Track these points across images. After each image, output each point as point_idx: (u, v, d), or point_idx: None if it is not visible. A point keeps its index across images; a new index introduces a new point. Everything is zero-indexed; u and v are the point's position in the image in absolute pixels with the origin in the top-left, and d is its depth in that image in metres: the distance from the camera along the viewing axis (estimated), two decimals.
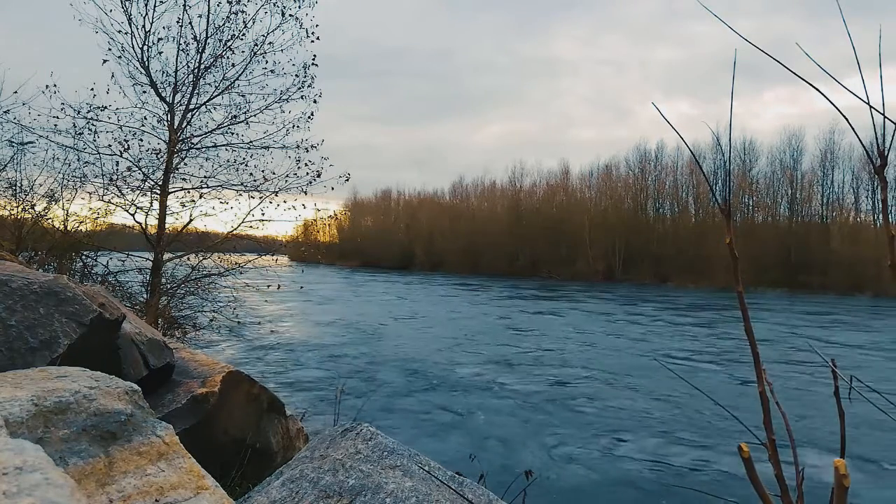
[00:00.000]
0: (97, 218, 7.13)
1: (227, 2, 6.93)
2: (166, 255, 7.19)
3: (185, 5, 6.75)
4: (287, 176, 7.37)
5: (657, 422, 6.47)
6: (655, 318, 17.97)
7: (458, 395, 7.49)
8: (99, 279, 6.93)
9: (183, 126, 7.12)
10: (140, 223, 7.04)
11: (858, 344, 13.52)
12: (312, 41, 7.26)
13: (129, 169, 6.89)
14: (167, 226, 7.12)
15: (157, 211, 7.02)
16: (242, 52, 7.17)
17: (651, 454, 5.42)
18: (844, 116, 0.74)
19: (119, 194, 6.93)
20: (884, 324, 18.69)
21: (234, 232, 7.44)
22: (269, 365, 9.04)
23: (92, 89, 6.62)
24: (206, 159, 7.36)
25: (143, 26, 6.67)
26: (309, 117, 7.41)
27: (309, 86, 7.37)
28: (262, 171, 7.38)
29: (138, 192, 7.01)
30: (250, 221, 7.43)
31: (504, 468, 4.67)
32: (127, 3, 6.55)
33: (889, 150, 0.67)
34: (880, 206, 0.71)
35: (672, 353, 11.43)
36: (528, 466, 3.32)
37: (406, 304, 20.86)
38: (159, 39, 6.81)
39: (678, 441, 5.80)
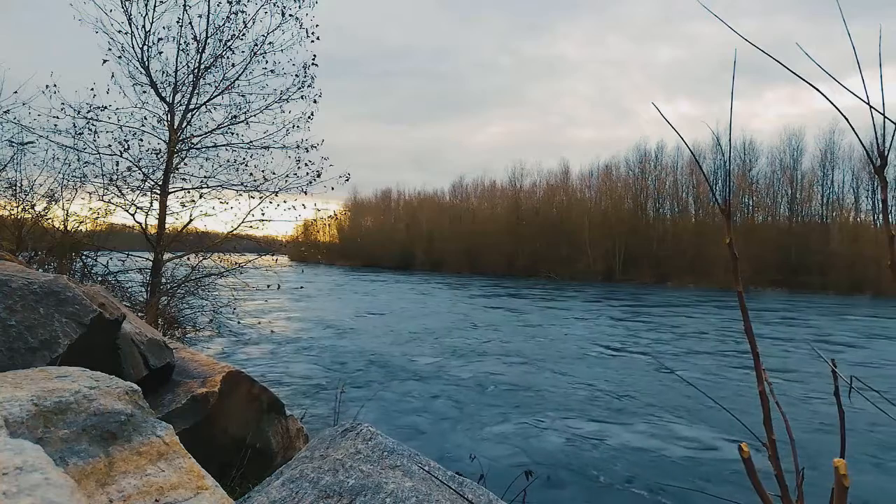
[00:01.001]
0: (97, 218, 7.13)
1: (228, 2, 6.94)
2: (166, 255, 7.19)
3: (185, 5, 6.76)
4: (287, 176, 7.38)
5: (657, 421, 6.46)
6: (655, 318, 17.98)
7: (459, 394, 7.49)
8: (99, 279, 6.93)
9: (183, 126, 7.13)
10: (140, 223, 7.05)
11: (858, 344, 13.52)
12: (312, 41, 7.27)
13: (129, 169, 6.90)
14: (167, 226, 7.13)
15: (157, 211, 7.03)
16: (242, 52, 7.18)
17: (650, 454, 5.42)
18: (844, 116, 0.74)
19: (119, 194, 6.94)
20: (884, 324, 18.69)
21: (234, 232, 7.45)
22: (269, 365, 9.04)
23: (92, 89, 6.63)
24: (206, 159, 7.38)
25: (143, 26, 6.68)
26: (309, 117, 7.42)
27: (309, 86, 7.38)
28: (262, 171, 7.40)
29: (138, 192, 7.02)
30: (250, 221, 7.44)
31: (504, 468, 4.67)
32: (127, 3, 6.56)
33: (889, 150, 0.67)
34: (880, 206, 0.71)
35: (672, 353, 11.43)
36: (529, 466, 3.32)
37: (406, 304, 20.86)
38: (159, 39, 6.82)
39: (677, 441, 5.80)
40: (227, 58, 7.14)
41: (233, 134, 7.37)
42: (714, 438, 5.88)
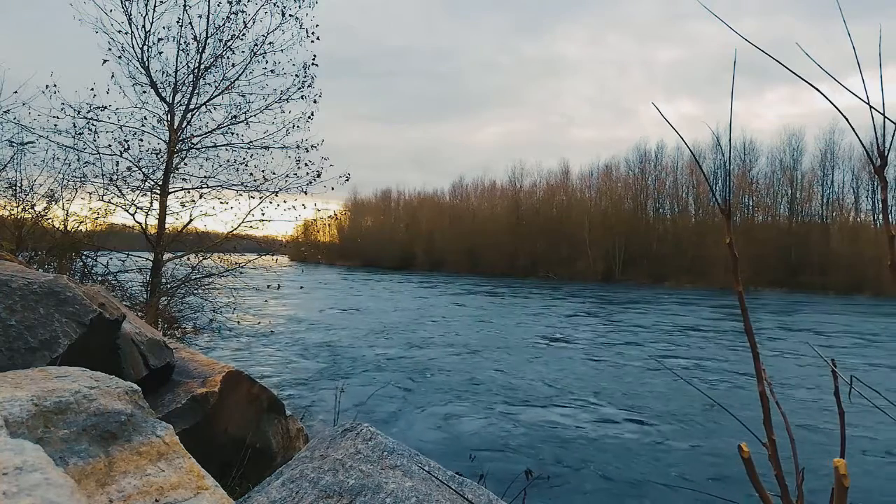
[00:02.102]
0: (97, 218, 7.13)
1: (228, 2, 6.94)
2: (166, 255, 7.19)
3: (185, 5, 6.76)
4: (287, 176, 7.38)
5: (657, 422, 6.47)
6: (655, 318, 17.98)
7: (459, 394, 7.49)
8: (99, 279, 6.93)
9: (183, 126, 7.13)
10: (140, 223, 7.05)
11: (858, 344, 13.52)
12: (312, 41, 7.27)
13: (129, 169, 6.90)
14: (167, 226, 7.13)
15: (157, 211, 7.03)
16: (242, 52, 7.18)
17: (650, 455, 5.42)
18: (844, 116, 0.74)
19: (119, 194, 6.94)
20: (884, 324, 18.69)
21: (234, 232, 7.44)
22: (269, 365, 9.04)
23: (92, 89, 6.63)
24: (206, 159, 7.38)
25: (143, 26, 6.68)
26: (309, 117, 7.42)
27: (309, 86, 7.38)
28: (262, 171, 7.39)
29: (138, 192, 7.02)
30: (250, 221, 7.44)
31: (504, 468, 4.67)
32: (127, 3, 6.56)
33: (889, 150, 0.67)
34: (880, 206, 0.71)
35: (671, 353, 11.43)
36: (529, 466, 3.32)
37: (406, 304, 20.86)
38: (159, 39, 6.82)
39: (678, 441, 5.80)
40: (227, 58, 7.15)
41: (233, 134, 7.38)
42: (714, 439, 5.88)
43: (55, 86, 6.41)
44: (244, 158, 7.40)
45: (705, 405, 7.01)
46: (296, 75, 7.30)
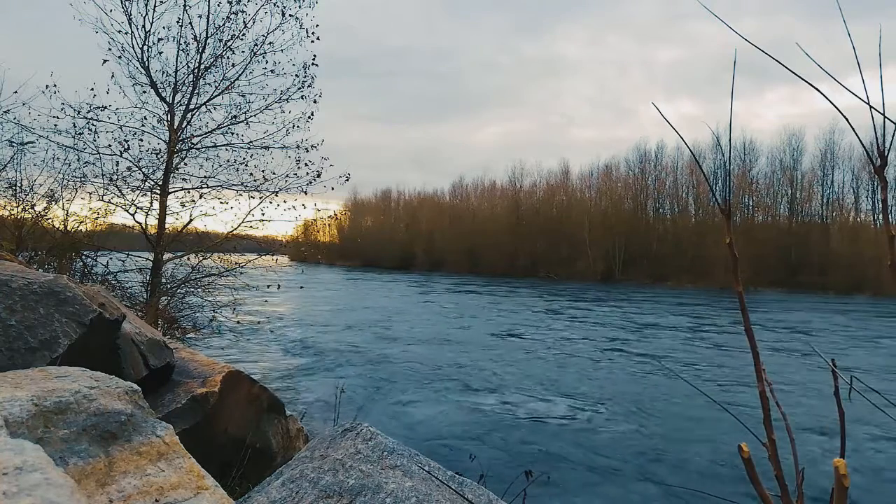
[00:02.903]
0: (97, 218, 7.12)
1: (228, 2, 6.93)
2: (166, 255, 7.19)
3: (185, 5, 6.76)
4: (287, 176, 7.38)
5: (657, 422, 6.47)
6: (654, 319, 17.98)
7: (459, 393, 7.49)
8: (99, 279, 6.93)
9: (183, 126, 7.12)
10: (140, 223, 7.05)
11: (858, 344, 13.51)
12: (312, 41, 7.27)
13: (129, 169, 6.89)
14: (167, 226, 7.12)
15: (157, 211, 7.02)
16: (242, 52, 7.18)
17: (651, 455, 5.42)
18: (844, 116, 0.74)
19: (119, 194, 6.94)
20: (884, 324, 18.69)
21: (234, 232, 7.44)
22: (269, 365, 9.04)
23: (92, 89, 6.63)
24: (206, 159, 7.37)
25: (143, 26, 6.68)
26: (309, 117, 7.41)
27: (309, 86, 7.38)
28: (262, 171, 7.39)
29: (138, 192, 7.02)
30: (250, 221, 7.44)
31: (504, 468, 4.67)
32: (127, 3, 6.56)
33: (889, 150, 0.67)
34: (880, 206, 0.71)
35: (670, 353, 11.43)
36: (530, 466, 3.32)
37: (406, 304, 20.86)
38: (159, 39, 6.81)
39: (678, 441, 5.80)
40: (227, 58, 7.14)
41: (233, 134, 7.38)
42: (715, 438, 5.88)
43: (55, 86, 6.41)
44: (244, 158, 7.41)
45: (706, 405, 7.00)
46: (296, 75, 7.30)
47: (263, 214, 7.42)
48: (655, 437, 5.90)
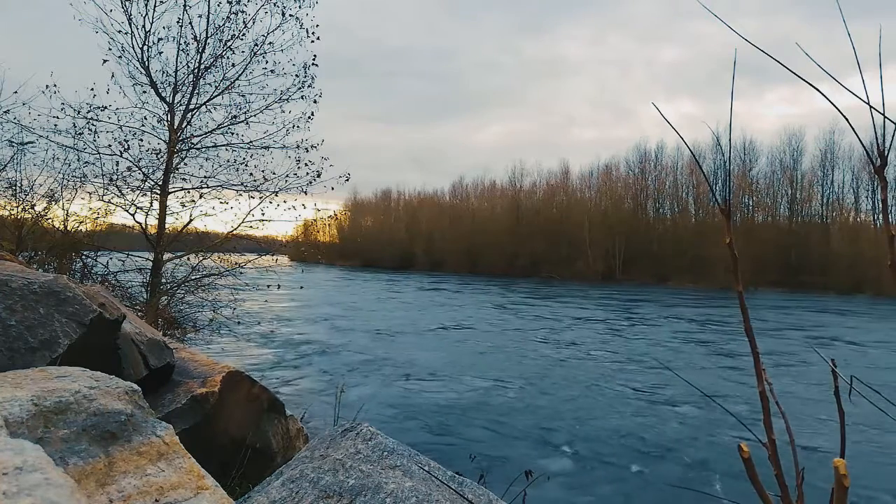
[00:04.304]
0: (97, 218, 7.12)
1: (228, 2, 6.93)
2: (166, 255, 7.19)
3: (185, 5, 6.75)
4: (287, 176, 7.37)
5: (657, 421, 6.47)
6: (654, 319, 17.98)
7: (458, 393, 7.49)
8: (99, 279, 6.92)
9: (183, 126, 7.12)
10: (140, 223, 7.05)
11: (858, 344, 13.51)
12: (312, 41, 7.27)
13: (129, 169, 6.89)
14: (167, 226, 7.12)
15: (157, 211, 7.02)
16: (242, 52, 7.17)
17: (651, 455, 5.42)
18: (844, 116, 0.74)
19: (119, 194, 6.93)
20: (884, 324, 18.68)
21: (234, 232, 7.44)
22: (269, 365, 9.04)
23: (92, 89, 6.62)
24: (206, 159, 7.37)
25: (143, 26, 6.68)
26: (309, 117, 7.41)
27: (309, 86, 7.37)
28: (262, 171, 7.39)
29: (138, 192, 7.01)
30: (250, 221, 7.43)
31: (504, 468, 4.67)
32: (127, 3, 6.55)
33: (889, 150, 0.67)
34: (880, 206, 0.71)
35: (672, 353, 11.43)
36: (529, 466, 3.31)
37: (405, 305, 20.86)
38: (159, 39, 6.81)
39: (678, 441, 5.80)
40: (227, 58, 7.14)
41: (233, 134, 7.37)
42: (715, 439, 5.88)
43: (55, 86, 6.40)
44: (244, 158, 7.40)
45: (706, 405, 7.00)
46: (296, 75, 7.29)
47: (263, 214, 7.42)
48: (656, 438, 5.90)
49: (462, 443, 5.57)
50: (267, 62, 7.23)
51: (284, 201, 7.41)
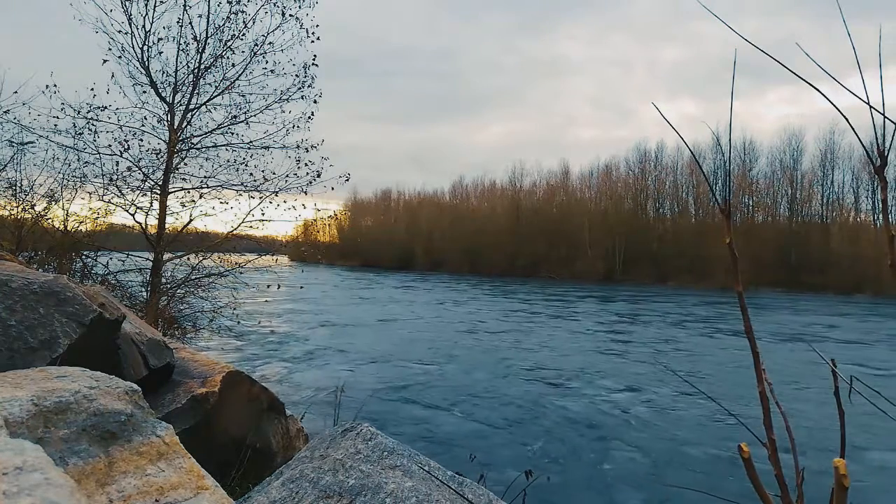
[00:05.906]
0: (97, 218, 7.11)
1: (228, 2, 6.92)
2: (166, 255, 7.18)
3: (185, 5, 6.75)
4: (287, 176, 7.37)
5: (657, 421, 6.47)
6: (654, 319, 17.98)
7: (458, 393, 7.49)
8: (99, 279, 6.92)
9: (183, 126, 7.12)
10: (140, 223, 7.04)
11: (858, 344, 13.51)
12: (312, 41, 7.26)
13: (129, 169, 6.88)
14: (167, 226, 7.12)
15: (157, 211, 7.01)
16: (242, 52, 7.17)
17: (651, 455, 5.42)
18: (844, 116, 0.74)
19: (119, 194, 6.93)
20: (884, 324, 18.68)
21: (234, 232, 7.43)
22: (269, 365, 9.04)
23: (92, 89, 6.62)
24: (206, 159, 7.36)
25: (143, 26, 6.67)
26: (309, 117, 7.40)
27: (309, 86, 7.37)
28: (262, 171, 7.38)
29: (138, 192, 7.01)
30: (250, 221, 7.42)
31: (504, 468, 4.67)
32: (127, 3, 6.55)
33: (889, 150, 0.67)
34: (880, 206, 0.71)
35: (672, 353, 11.43)
36: (528, 466, 3.32)
37: (405, 305, 20.86)
38: (159, 39, 6.80)
39: (679, 441, 5.80)
40: (227, 58, 7.13)
41: (233, 134, 7.36)
42: (715, 438, 5.88)
43: (55, 86, 6.40)
44: (244, 158, 7.39)
45: (706, 405, 7.00)
46: (296, 75, 7.29)
47: (263, 214, 7.41)
48: (656, 437, 5.90)
49: (463, 442, 5.57)
50: (267, 62, 7.23)
51: (284, 201, 7.41)
